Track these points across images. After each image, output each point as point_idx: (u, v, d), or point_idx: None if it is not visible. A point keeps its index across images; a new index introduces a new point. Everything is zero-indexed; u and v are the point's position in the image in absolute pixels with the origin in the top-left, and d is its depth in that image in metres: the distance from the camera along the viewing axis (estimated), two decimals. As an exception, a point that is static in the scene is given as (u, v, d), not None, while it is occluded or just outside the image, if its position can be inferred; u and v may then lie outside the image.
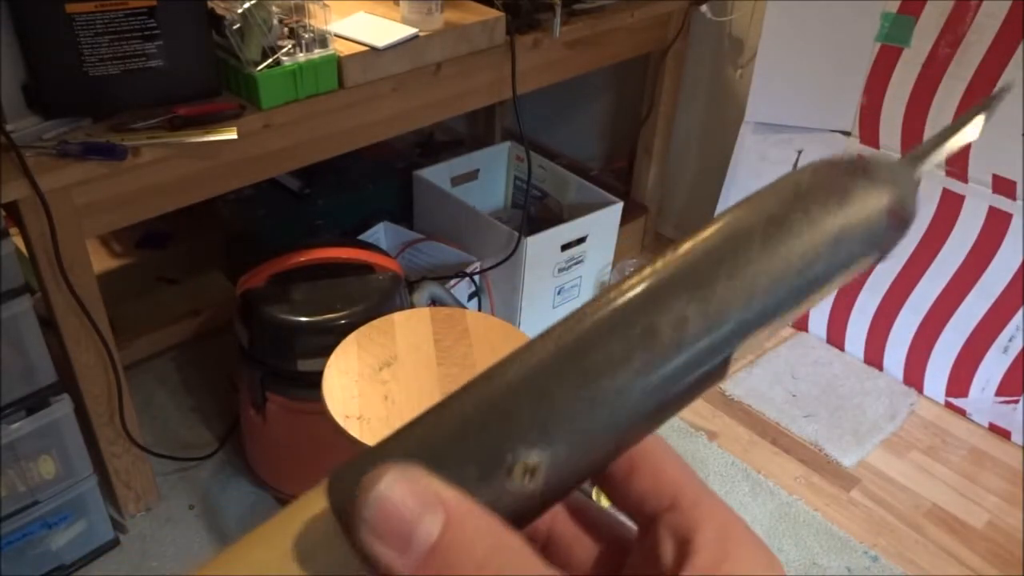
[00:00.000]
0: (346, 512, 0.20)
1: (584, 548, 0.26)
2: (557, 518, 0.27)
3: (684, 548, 0.22)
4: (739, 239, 0.22)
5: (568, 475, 0.22)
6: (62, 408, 1.38)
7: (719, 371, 0.22)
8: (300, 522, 0.21)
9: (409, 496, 0.19)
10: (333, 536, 0.20)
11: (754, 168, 2.07)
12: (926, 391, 2.02)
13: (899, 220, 0.23)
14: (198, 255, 2.16)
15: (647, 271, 0.23)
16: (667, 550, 0.22)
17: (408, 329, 1.26)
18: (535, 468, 0.21)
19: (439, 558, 0.19)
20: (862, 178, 0.23)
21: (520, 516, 0.22)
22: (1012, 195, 1.73)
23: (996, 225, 1.77)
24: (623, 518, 0.27)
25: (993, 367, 1.88)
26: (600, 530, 0.27)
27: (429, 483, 0.19)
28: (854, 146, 1.93)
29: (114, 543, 1.59)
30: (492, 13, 1.65)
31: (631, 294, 0.22)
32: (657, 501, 0.24)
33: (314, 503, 0.21)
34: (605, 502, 0.28)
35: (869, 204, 0.22)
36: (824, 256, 0.22)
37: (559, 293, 2.10)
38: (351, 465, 0.21)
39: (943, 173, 1.82)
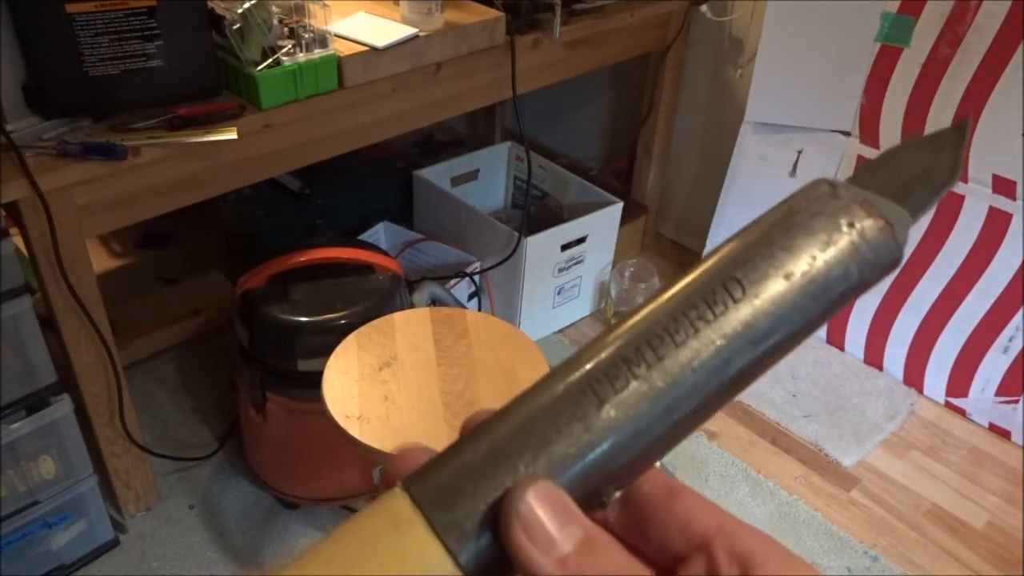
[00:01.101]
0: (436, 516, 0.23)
1: None
2: None
3: (747, 566, 0.24)
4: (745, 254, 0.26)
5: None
6: (62, 408, 1.38)
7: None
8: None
9: (553, 507, 0.23)
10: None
11: (754, 168, 2.07)
12: (926, 391, 2.02)
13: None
14: (198, 255, 2.16)
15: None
16: (728, 568, 0.24)
17: (408, 329, 1.26)
18: None
19: (578, 561, 0.23)
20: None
21: None
22: (1012, 195, 1.73)
23: (996, 225, 1.77)
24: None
25: (993, 367, 1.88)
26: None
27: (567, 500, 0.23)
28: (854, 146, 1.93)
29: (114, 543, 1.59)
30: (492, 13, 1.65)
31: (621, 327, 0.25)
32: (707, 520, 0.25)
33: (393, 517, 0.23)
34: None
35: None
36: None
37: (559, 293, 2.10)
38: (429, 474, 0.24)
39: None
